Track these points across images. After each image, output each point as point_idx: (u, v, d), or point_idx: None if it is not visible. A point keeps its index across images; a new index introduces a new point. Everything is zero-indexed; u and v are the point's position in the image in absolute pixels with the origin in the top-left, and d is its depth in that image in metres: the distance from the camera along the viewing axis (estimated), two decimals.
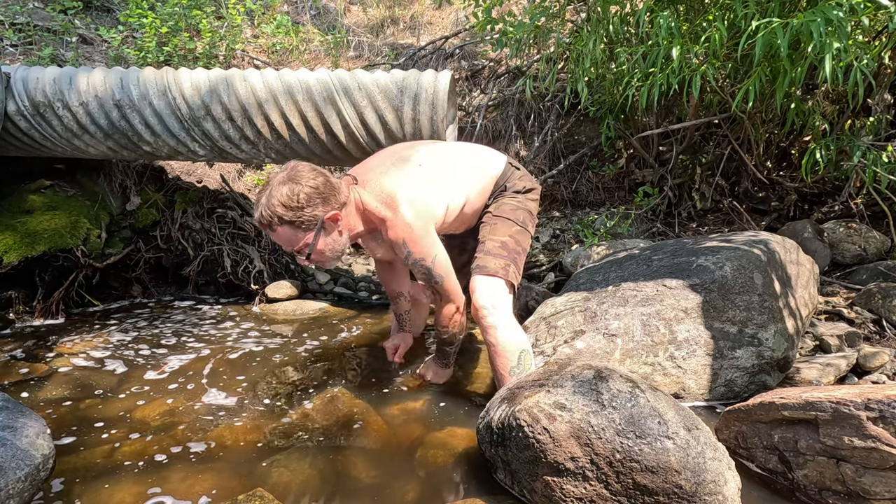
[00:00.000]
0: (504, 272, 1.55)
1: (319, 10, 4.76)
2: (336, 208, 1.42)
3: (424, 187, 1.51)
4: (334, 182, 1.43)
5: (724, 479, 1.03)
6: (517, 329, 1.54)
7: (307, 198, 1.36)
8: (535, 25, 2.65)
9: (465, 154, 1.72)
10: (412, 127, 2.00)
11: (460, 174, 1.64)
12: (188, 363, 1.92)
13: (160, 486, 1.22)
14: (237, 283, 2.70)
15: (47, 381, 1.75)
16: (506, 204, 1.67)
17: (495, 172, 1.70)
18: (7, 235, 2.19)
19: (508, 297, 1.56)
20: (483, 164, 1.71)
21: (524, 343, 1.53)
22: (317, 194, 1.37)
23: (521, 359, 1.49)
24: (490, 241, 1.61)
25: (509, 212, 1.65)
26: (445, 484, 1.25)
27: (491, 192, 1.70)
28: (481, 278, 1.55)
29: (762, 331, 1.63)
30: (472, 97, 3.70)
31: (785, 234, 2.46)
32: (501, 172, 1.70)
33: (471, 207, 1.68)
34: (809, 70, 1.98)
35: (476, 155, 1.74)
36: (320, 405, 1.61)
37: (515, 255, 1.60)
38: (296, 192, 1.35)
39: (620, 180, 3.26)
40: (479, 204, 1.70)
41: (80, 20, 3.39)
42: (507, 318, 1.52)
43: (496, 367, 1.51)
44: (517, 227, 1.64)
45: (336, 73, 1.97)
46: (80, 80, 1.98)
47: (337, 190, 1.43)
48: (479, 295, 1.52)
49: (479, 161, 1.71)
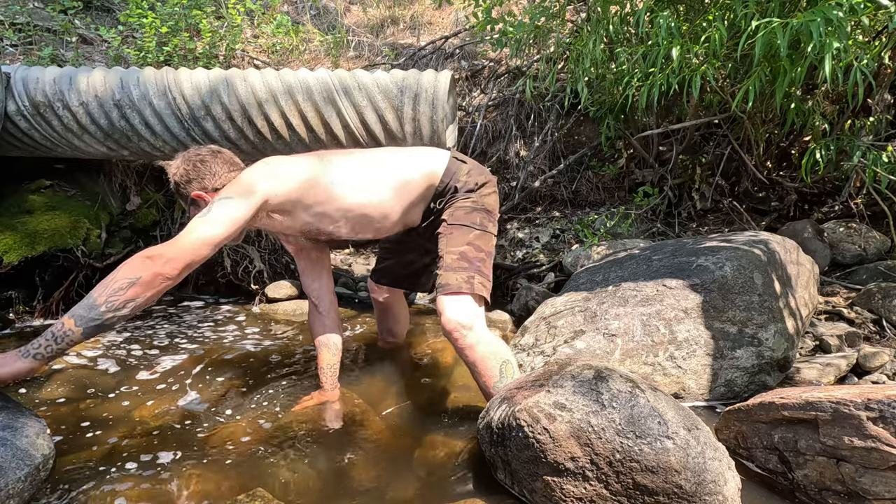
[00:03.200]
0: (468, 286, 1.46)
1: (319, 10, 4.76)
2: (202, 189, 1.48)
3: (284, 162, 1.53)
4: (216, 168, 1.50)
5: (724, 479, 1.03)
6: (494, 342, 1.47)
7: (181, 175, 1.50)
8: (535, 25, 2.65)
9: (389, 151, 1.69)
10: (412, 127, 2.00)
11: (368, 162, 1.59)
12: (187, 363, 1.92)
13: (160, 486, 1.22)
14: (237, 283, 2.71)
15: (47, 381, 1.74)
16: (459, 208, 1.57)
17: (432, 166, 1.60)
18: (7, 235, 2.19)
19: (479, 311, 1.48)
20: (413, 157, 1.63)
21: (503, 354, 1.46)
22: (187, 175, 1.49)
23: (502, 371, 1.44)
24: (448, 254, 1.51)
25: (464, 216, 1.56)
26: (445, 484, 1.25)
27: (436, 190, 1.60)
28: (446, 298, 1.46)
29: (762, 331, 1.63)
30: (472, 97, 3.70)
31: (785, 234, 2.46)
32: (445, 168, 1.60)
33: (399, 201, 1.57)
34: (809, 70, 1.98)
35: (405, 151, 1.68)
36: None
37: (478, 262, 1.51)
38: (177, 168, 1.51)
39: (620, 180, 3.26)
40: (411, 197, 1.59)
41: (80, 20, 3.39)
42: (481, 334, 1.45)
43: (480, 386, 1.47)
44: (475, 231, 1.54)
45: (336, 73, 1.97)
46: (80, 80, 1.98)
47: (211, 173, 1.49)
48: (448, 317, 1.44)
49: (406, 155, 1.65)
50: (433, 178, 1.59)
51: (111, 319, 1.23)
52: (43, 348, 1.22)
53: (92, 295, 1.22)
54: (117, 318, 1.23)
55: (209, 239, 1.33)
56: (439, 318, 1.47)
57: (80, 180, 2.57)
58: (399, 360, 2.02)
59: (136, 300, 1.24)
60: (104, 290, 1.22)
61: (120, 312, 1.23)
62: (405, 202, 1.59)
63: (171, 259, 1.27)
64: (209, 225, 1.34)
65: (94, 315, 1.21)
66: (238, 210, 1.38)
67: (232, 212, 1.37)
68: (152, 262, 1.25)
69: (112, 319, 1.23)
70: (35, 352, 1.23)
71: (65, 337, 1.22)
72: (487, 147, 3.47)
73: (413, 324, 2.27)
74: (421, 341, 2.17)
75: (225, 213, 1.37)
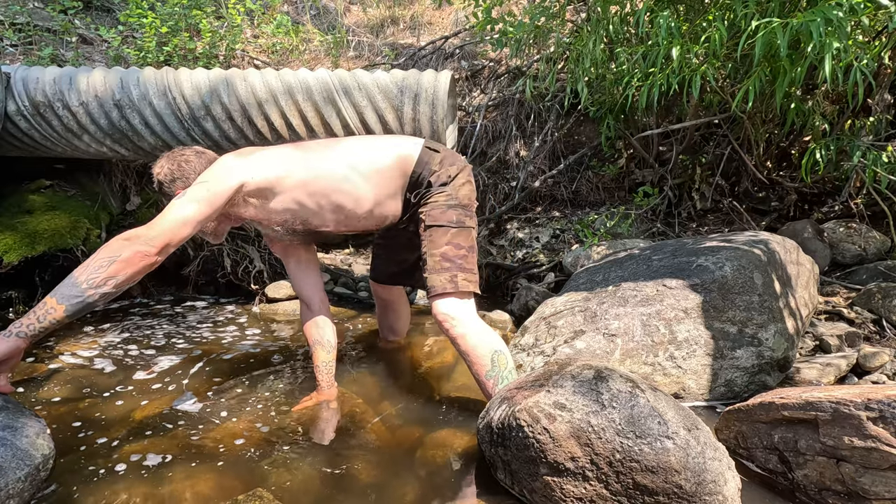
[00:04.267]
0: (452, 285, 1.51)
1: (319, 10, 4.76)
2: (186, 188, 1.50)
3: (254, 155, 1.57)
4: (200, 168, 1.56)
5: (724, 479, 1.03)
6: (485, 332, 1.51)
7: (166, 175, 1.56)
8: (535, 25, 2.65)
9: (361, 138, 1.72)
10: (412, 127, 2.00)
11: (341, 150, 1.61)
12: (186, 363, 1.92)
13: (160, 486, 1.22)
14: (237, 283, 2.71)
15: (47, 381, 1.75)
16: (436, 207, 1.58)
17: (404, 152, 1.61)
18: (7, 235, 2.19)
19: (468, 304, 1.54)
20: (384, 143, 1.65)
21: (495, 344, 1.50)
22: (172, 174, 1.56)
23: (494, 360, 1.48)
24: (430, 257, 1.55)
25: (440, 216, 1.57)
26: (445, 484, 1.25)
27: (411, 179, 1.60)
28: (434, 301, 1.53)
29: (762, 331, 1.63)
30: (472, 97, 3.70)
31: (785, 234, 2.46)
32: (418, 157, 1.60)
33: (372, 187, 1.58)
34: (809, 70, 1.98)
35: (378, 138, 1.72)
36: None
37: (459, 260, 1.54)
38: (162, 168, 1.57)
39: (620, 180, 3.26)
40: (385, 182, 1.59)
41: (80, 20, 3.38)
42: (472, 325, 1.50)
43: (474, 375, 1.51)
44: (452, 229, 1.56)
45: (336, 73, 1.97)
46: (80, 80, 1.98)
47: (196, 173, 1.55)
48: (438, 313, 1.52)
49: (378, 141, 1.67)
50: (406, 164, 1.60)
51: (93, 296, 1.24)
52: (25, 326, 1.23)
53: (73, 274, 1.25)
54: (99, 294, 1.25)
55: (186, 219, 1.37)
56: (434, 318, 1.54)
57: (80, 180, 2.57)
58: (399, 359, 2.02)
59: (116, 277, 1.26)
60: (85, 269, 1.25)
61: (102, 289, 1.25)
62: (379, 188, 1.60)
63: (150, 239, 1.31)
64: (186, 206, 1.39)
65: (76, 292, 1.23)
66: (214, 192, 1.42)
67: (208, 193, 1.41)
68: (131, 243, 1.28)
69: (94, 296, 1.24)
70: (17, 330, 1.24)
71: (47, 315, 1.23)
72: (487, 147, 3.47)
73: (413, 324, 2.27)
74: (421, 341, 2.17)
75: (201, 195, 1.41)
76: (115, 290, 1.27)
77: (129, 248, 1.27)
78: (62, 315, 1.23)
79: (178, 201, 1.40)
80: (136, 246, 1.28)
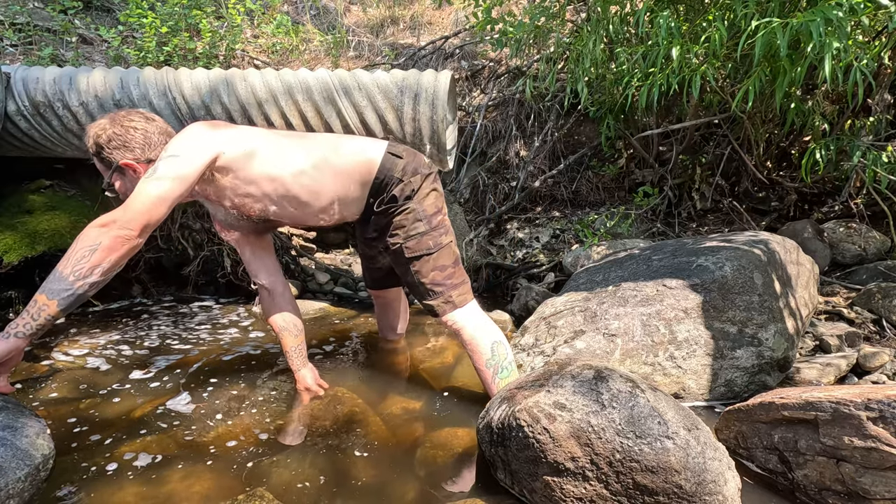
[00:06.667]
0: (451, 306, 1.59)
1: (319, 10, 4.76)
2: (135, 159, 1.44)
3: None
4: (153, 138, 1.46)
5: (724, 479, 1.03)
6: (485, 323, 1.59)
7: (108, 139, 1.43)
8: (535, 25, 2.65)
9: (327, 136, 1.72)
10: (412, 127, 2.00)
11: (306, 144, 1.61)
12: (185, 363, 1.92)
13: (160, 486, 1.22)
14: (237, 283, 2.71)
15: (47, 381, 1.74)
16: (410, 237, 1.58)
17: (367, 154, 1.59)
18: (7, 235, 2.18)
19: (469, 306, 1.62)
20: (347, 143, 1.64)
21: (494, 334, 1.58)
22: (119, 139, 1.43)
23: (493, 350, 1.55)
24: (421, 286, 1.60)
25: (416, 246, 1.58)
26: (445, 484, 1.26)
27: (373, 184, 1.57)
28: (439, 319, 1.61)
29: (762, 331, 1.63)
30: (472, 97, 3.70)
31: (785, 234, 2.46)
32: (381, 163, 1.57)
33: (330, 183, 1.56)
34: (809, 70, 1.98)
35: (342, 137, 1.71)
36: (320, 405, 1.61)
37: (448, 279, 1.60)
38: (104, 130, 1.43)
39: (620, 180, 3.26)
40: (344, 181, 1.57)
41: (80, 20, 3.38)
42: (472, 316, 1.59)
43: (474, 365, 1.59)
44: (432, 255, 1.59)
45: (336, 73, 1.97)
46: (80, 80, 1.98)
47: (147, 144, 1.45)
48: (442, 320, 1.61)
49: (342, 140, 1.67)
50: (367, 169, 1.57)
51: (83, 287, 1.23)
52: (22, 326, 1.23)
53: (57, 269, 1.23)
54: (88, 285, 1.24)
55: (161, 196, 1.32)
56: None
57: (80, 180, 2.57)
58: (399, 359, 2.02)
59: (101, 265, 1.24)
60: (68, 262, 1.23)
61: (89, 279, 1.24)
62: (337, 187, 1.57)
63: (127, 222, 1.28)
64: (160, 182, 1.33)
65: (65, 286, 1.22)
66: (189, 167, 1.37)
67: (181, 168, 1.36)
68: (108, 229, 1.26)
69: (84, 287, 1.24)
70: (15, 331, 1.23)
71: (41, 312, 1.22)
72: (487, 147, 3.47)
73: (413, 324, 2.27)
74: (421, 341, 2.17)
75: (174, 170, 1.35)
76: (103, 279, 1.26)
77: (107, 235, 1.25)
78: (56, 310, 1.22)
79: (151, 180, 1.33)
80: (115, 231, 1.26)
